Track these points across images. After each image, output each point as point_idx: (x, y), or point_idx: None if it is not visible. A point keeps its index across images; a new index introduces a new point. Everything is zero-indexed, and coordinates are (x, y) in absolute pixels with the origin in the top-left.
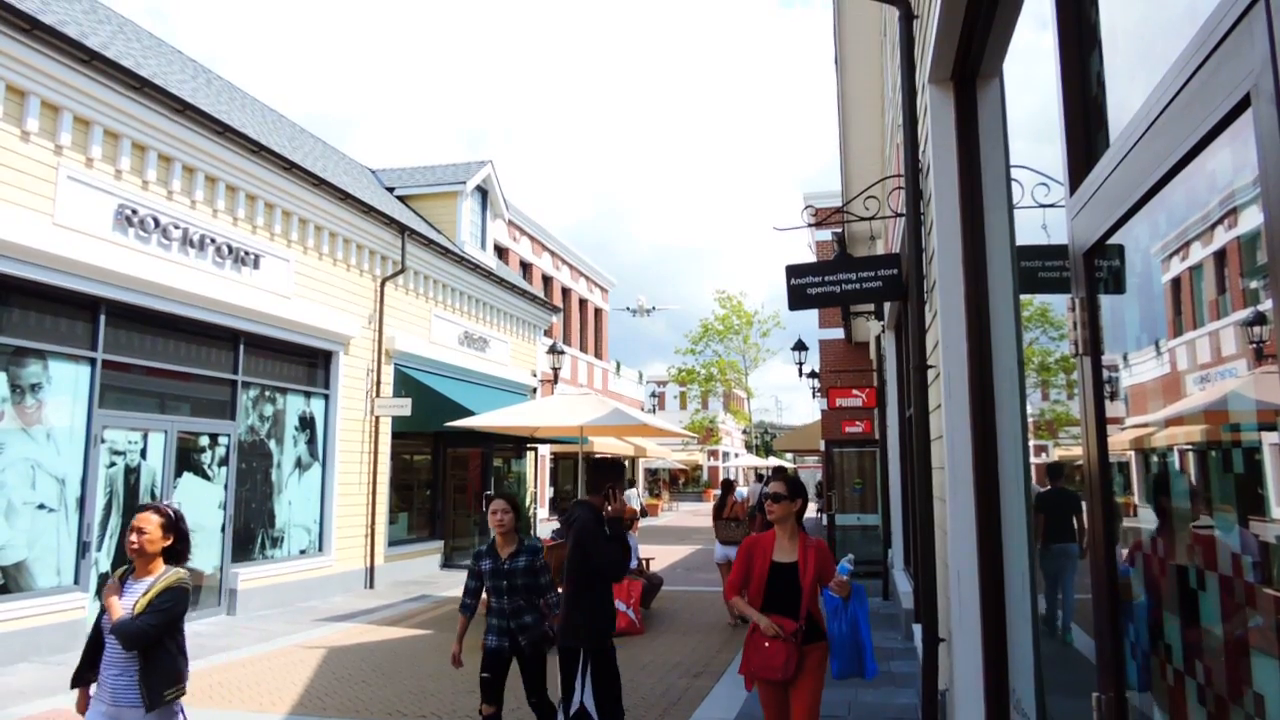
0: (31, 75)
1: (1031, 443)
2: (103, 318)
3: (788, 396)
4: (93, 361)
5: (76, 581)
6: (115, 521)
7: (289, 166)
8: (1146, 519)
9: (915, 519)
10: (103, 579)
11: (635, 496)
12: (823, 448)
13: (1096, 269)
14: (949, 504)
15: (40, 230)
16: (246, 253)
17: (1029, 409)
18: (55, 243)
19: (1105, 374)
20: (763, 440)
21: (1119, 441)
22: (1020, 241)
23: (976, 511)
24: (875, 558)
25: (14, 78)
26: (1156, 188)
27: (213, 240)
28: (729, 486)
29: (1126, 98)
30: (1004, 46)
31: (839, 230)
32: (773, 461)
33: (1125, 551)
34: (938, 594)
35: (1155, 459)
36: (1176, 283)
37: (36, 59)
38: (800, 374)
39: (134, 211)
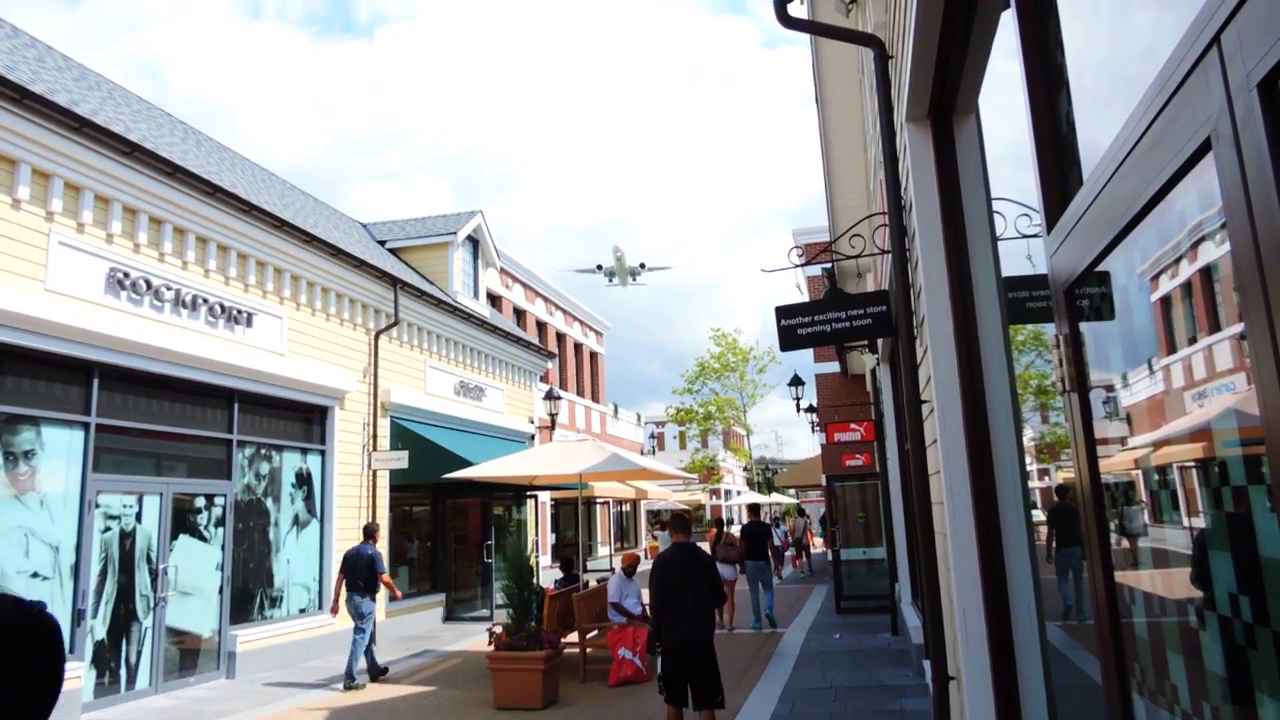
0: (22, 144)
1: (1034, 466)
2: (96, 381)
3: (787, 431)
4: (86, 426)
5: (72, 650)
6: (111, 588)
7: (280, 224)
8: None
9: (919, 554)
10: None
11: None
12: (824, 482)
13: (1078, 305)
14: (950, 540)
15: (32, 297)
16: (239, 311)
17: (1030, 432)
18: (47, 309)
19: (1103, 394)
20: (764, 477)
21: (1121, 462)
22: (1007, 272)
23: (978, 547)
24: (882, 592)
25: (5, 147)
26: (1131, 225)
27: (205, 300)
28: (720, 524)
29: (1097, 135)
30: (978, 83)
31: (829, 266)
32: (782, 499)
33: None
34: (945, 630)
35: (1156, 478)
36: (1165, 301)
37: (27, 128)
38: (798, 409)
39: (126, 275)
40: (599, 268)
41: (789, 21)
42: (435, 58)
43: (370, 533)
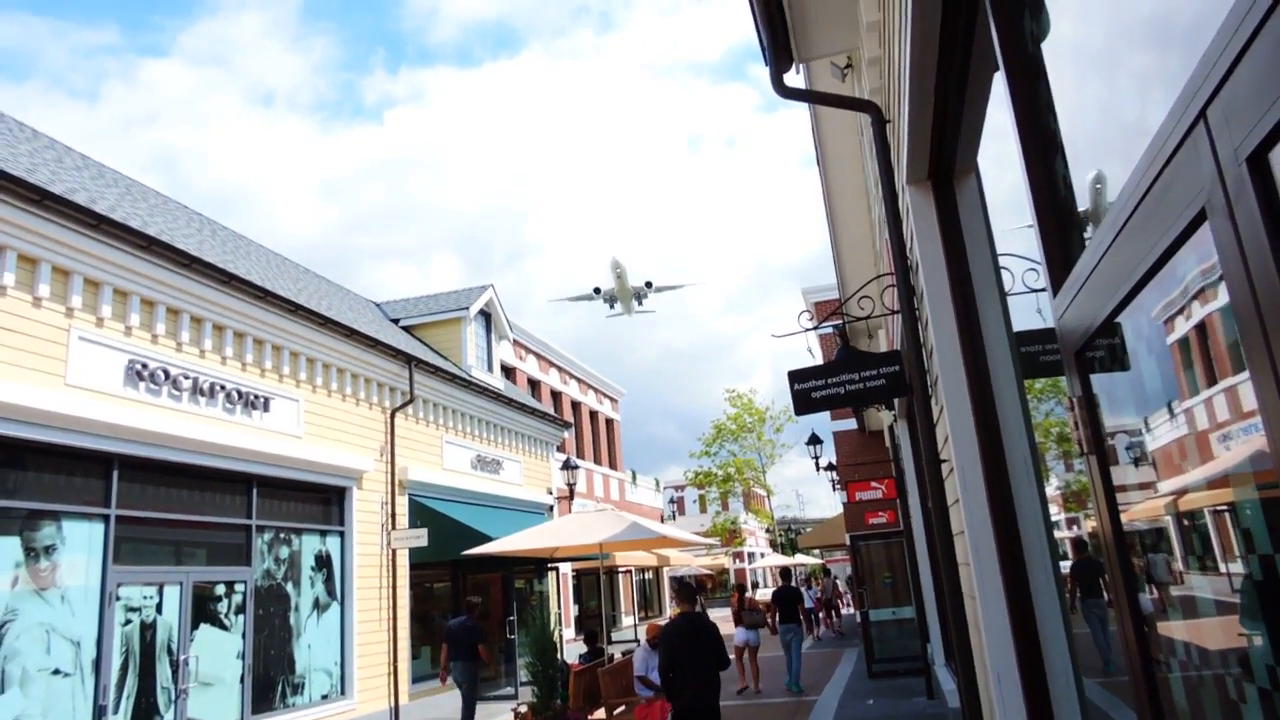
0: (42, 243)
1: (1062, 516)
2: (115, 473)
3: (808, 490)
4: (106, 518)
5: None
6: (132, 682)
7: (294, 309)
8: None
9: (948, 617)
10: None
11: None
12: (848, 542)
13: (1089, 367)
14: (979, 602)
15: (52, 392)
16: (256, 396)
17: (1056, 481)
18: (67, 404)
19: (1126, 440)
20: (787, 538)
21: (1147, 510)
22: (1018, 326)
23: (1008, 609)
24: (914, 653)
25: (26, 247)
26: (1136, 289)
27: (222, 387)
28: (740, 590)
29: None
30: (975, 143)
31: (839, 324)
32: (806, 559)
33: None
34: (981, 697)
35: (1185, 524)
36: (1182, 344)
37: (47, 227)
38: (818, 468)
39: (144, 366)
40: (596, 292)
41: (786, 92)
42: (443, 136)
43: (471, 607)
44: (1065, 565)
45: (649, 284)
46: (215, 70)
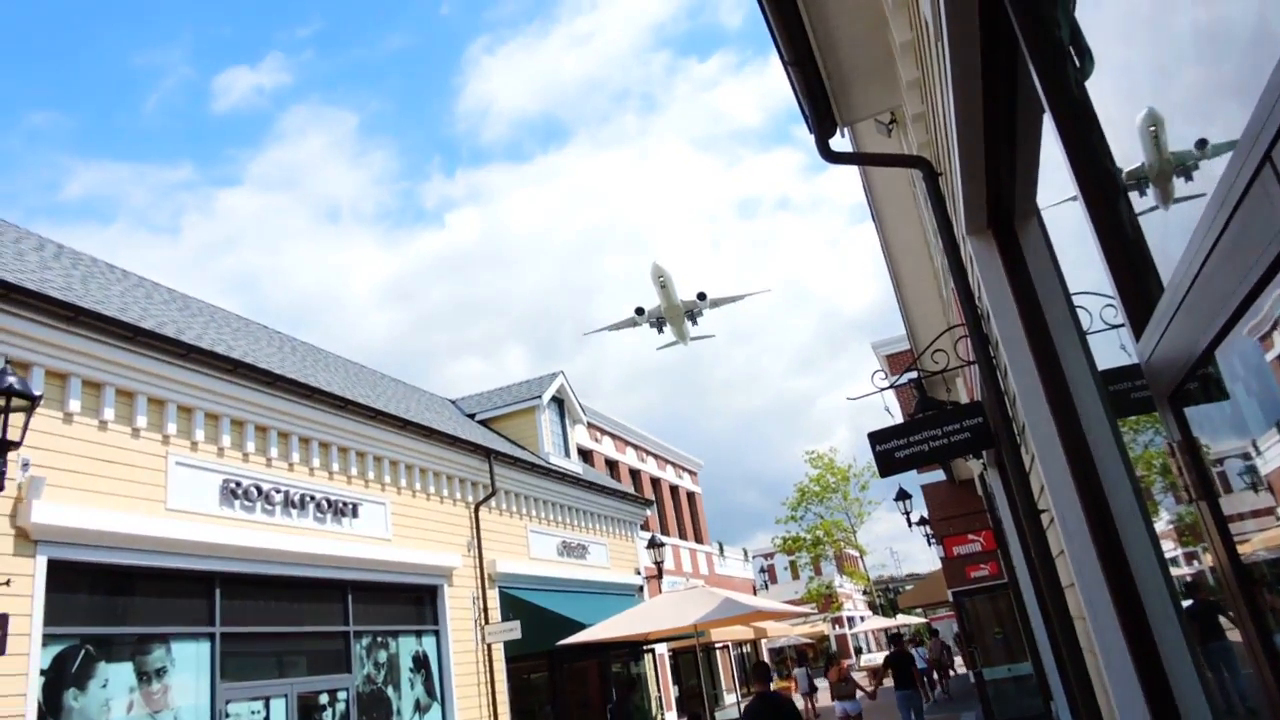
0: (138, 376)
1: (1179, 551)
2: (218, 591)
3: (902, 546)
4: (212, 637)
5: None
6: None
7: (374, 414)
8: None
9: (1069, 674)
10: None
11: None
12: (951, 598)
13: (1186, 404)
14: (1100, 658)
15: (155, 519)
16: (345, 503)
17: (1165, 516)
18: (169, 528)
19: (1239, 465)
20: (886, 598)
21: (1272, 538)
22: (1103, 363)
23: (1134, 663)
24: (1036, 713)
25: (123, 382)
26: (1224, 331)
27: (312, 498)
28: (831, 659)
29: (1165, 237)
30: (1033, 188)
31: (915, 376)
32: (909, 619)
33: None
34: None
35: None
36: None
37: (141, 361)
38: (909, 524)
39: (238, 484)
40: (639, 313)
41: (833, 157)
42: (502, 230)
43: (621, 687)
44: (1186, 604)
45: (702, 296)
46: (284, 193)
